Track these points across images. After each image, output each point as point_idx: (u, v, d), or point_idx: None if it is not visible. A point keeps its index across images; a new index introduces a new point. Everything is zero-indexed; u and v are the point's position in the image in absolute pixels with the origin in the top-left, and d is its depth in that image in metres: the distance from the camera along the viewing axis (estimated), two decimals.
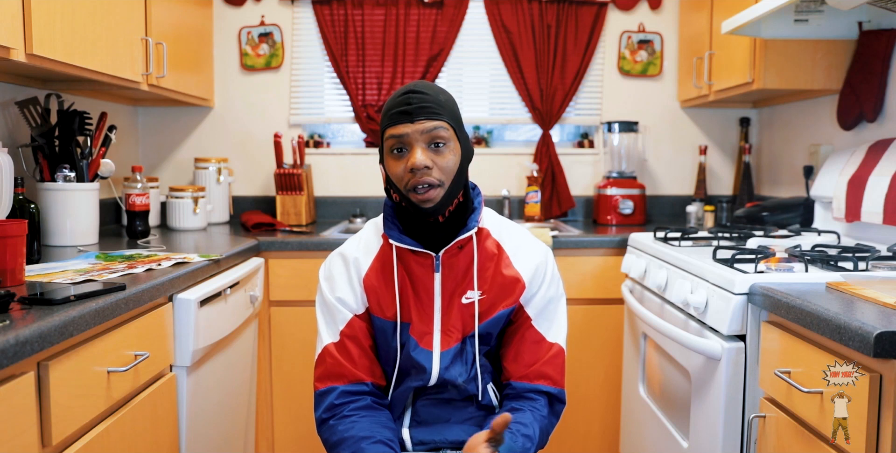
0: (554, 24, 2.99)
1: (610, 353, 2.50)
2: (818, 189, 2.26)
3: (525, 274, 1.36)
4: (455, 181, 1.28)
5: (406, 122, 1.25)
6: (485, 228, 1.38)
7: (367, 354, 1.36)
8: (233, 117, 3.06)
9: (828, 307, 1.23)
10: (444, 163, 1.26)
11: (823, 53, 2.31)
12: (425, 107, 1.25)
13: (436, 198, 1.26)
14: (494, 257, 1.37)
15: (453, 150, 1.28)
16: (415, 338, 1.33)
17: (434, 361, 1.32)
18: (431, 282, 1.33)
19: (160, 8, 2.31)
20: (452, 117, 1.29)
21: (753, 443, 1.47)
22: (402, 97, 1.26)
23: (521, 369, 1.36)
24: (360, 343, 1.35)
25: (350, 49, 2.99)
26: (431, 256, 1.33)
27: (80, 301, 1.24)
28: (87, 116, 2.13)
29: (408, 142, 1.25)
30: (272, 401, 2.48)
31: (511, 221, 1.46)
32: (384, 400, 1.37)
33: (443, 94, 1.30)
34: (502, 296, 1.35)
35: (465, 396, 1.37)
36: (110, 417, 1.33)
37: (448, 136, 1.26)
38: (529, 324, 1.37)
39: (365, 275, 1.36)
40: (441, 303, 1.34)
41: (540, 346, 1.36)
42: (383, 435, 1.27)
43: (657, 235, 2.21)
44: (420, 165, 1.23)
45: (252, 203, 3.05)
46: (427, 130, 1.25)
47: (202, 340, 1.71)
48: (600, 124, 3.11)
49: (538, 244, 1.42)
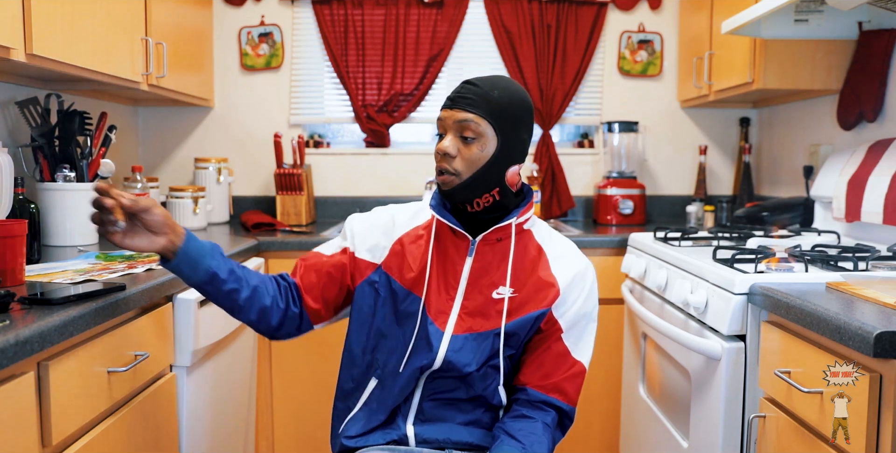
0: (554, 24, 2.99)
1: (610, 353, 2.50)
2: (818, 189, 2.26)
3: (562, 281, 1.36)
4: (480, 175, 1.29)
5: (447, 108, 1.30)
6: (529, 230, 1.40)
7: (320, 283, 1.38)
8: (233, 117, 3.06)
9: (828, 307, 1.23)
10: (469, 155, 1.29)
11: (823, 53, 2.31)
12: (467, 97, 1.28)
13: (450, 184, 1.30)
14: (533, 259, 1.37)
15: (482, 146, 1.29)
16: (430, 316, 1.33)
17: (443, 342, 1.32)
18: (462, 265, 1.35)
19: (160, 8, 2.31)
20: (495, 114, 1.28)
21: (753, 443, 1.47)
22: (459, 86, 1.32)
23: (539, 378, 1.35)
24: (321, 272, 1.38)
25: (350, 49, 2.99)
26: (468, 240, 1.35)
27: (80, 301, 1.24)
28: (87, 116, 2.13)
29: (445, 127, 1.31)
30: (272, 401, 2.48)
31: (560, 234, 1.47)
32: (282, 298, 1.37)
33: (502, 90, 1.29)
34: (534, 299, 1.34)
35: (472, 396, 1.36)
36: (110, 417, 1.33)
37: (480, 131, 1.28)
38: (559, 337, 1.36)
39: (401, 236, 1.39)
40: (465, 288, 1.34)
41: (564, 360, 1.36)
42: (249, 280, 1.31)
43: (657, 235, 2.21)
44: (442, 151, 1.29)
45: (252, 203, 3.05)
46: (459, 120, 1.28)
47: (202, 340, 1.71)
48: (600, 124, 3.11)
49: (582, 258, 1.41)
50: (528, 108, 1.33)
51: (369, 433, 1.37)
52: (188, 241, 1.23)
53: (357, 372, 1.40)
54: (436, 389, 1.36)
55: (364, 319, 1.39)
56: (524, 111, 1.32)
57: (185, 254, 1.23)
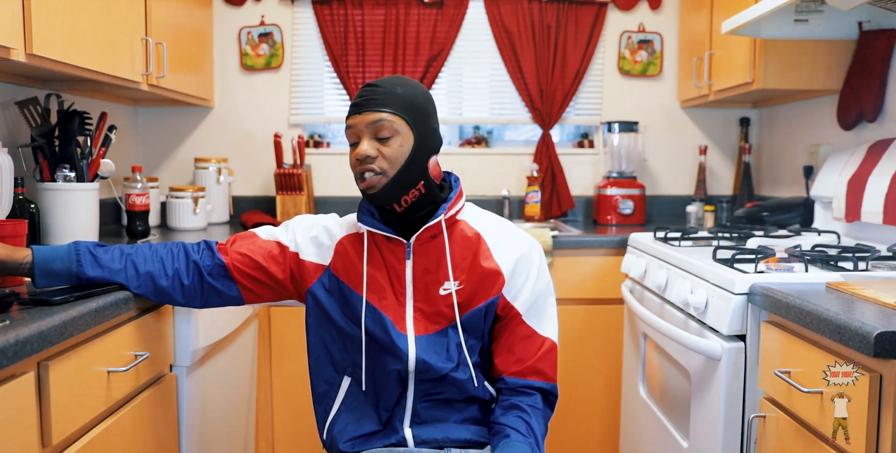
0: (554, 24, 2.99)
1: (610, 353, 2.50)
2: (818, 189, 2.26)
3: (505, 267, 1.37)
4: (404, 171, 1.30)
5: (354, 114, 1.31)
6: (462, 219, 1.40)
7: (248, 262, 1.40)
8: (233, 117, 3.06)
9: (828, 307, 1.23)
10: (390, 152, 1.29)
11: (823, 53, 2.31)
12: (373, 99, 1.29)
13: (377, 185, 1.30)
14: (472, 247, 1.37)
15: (402, 141, 1.30)
16: (391, 319, 1.34)
17: (410, 345, 1.34)
18: (403, 269, 1.36)
19: (160, 8, 2.31)
20: (406, 109, 1.30)
21: (753, 443, 1.47)
22: (360, 90, 1.32)
23: (513, 364, 1.37)
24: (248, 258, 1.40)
25: (350, 49, 2.99)
26: (404, 244, 1.35)
27: (79, 301, 1.24)
28: (87, 116, 2.12)
29: (357, 134, 1.31)
30: (272, 401, 2.48)
31: (496, 216, 1.47)
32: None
33: (403, 86, 1.32)
34: (481, 289, 1.36)
35: (466, 397, 1.37)
36: (110, 417, 1.33)
37: (395, 128, 1.29)
38: (520, 320, 1.37)
39: (341, 238, 1.40)
40: (413, 290, 1.36)
41: (532, 341, 1.37)
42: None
43: (657, 235, 2.21)
44: (362, 155, 1.29)
45: (252, 203, 3.05)
46: (371, 122, 1.29)
47: (202, 340, 1.71)
48: (600, 124, 3.11)
49: (523, 237, 1.41)
50: (430, 99, 1.36)
51: (367, 438, 1.37)
52: (36, 256, 1.29)
53: (327, 373, 1.42)
54: (427, 391, 1.37)
55: (322, 321, 1.41)
56: (429, 102, 1.35)
57: (40, 268, 1.29)
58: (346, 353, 1.40)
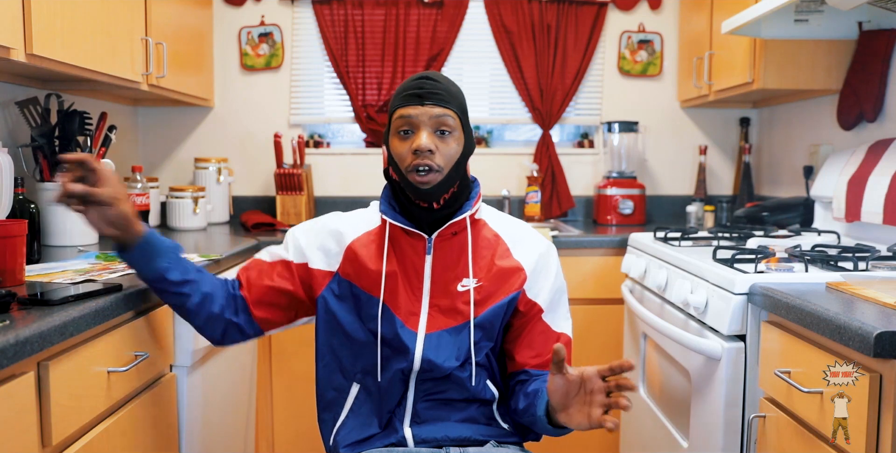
0: (554, 24, 2.99)
1: (610, 353, 2.50)
2: (818, 189, 2.26)
3: (527, 264, 1.38)
4: (453, 170, 1.31)
5: (416, 105, 1.28)
6: (482, 219, 1.41)
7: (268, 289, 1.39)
8: (233, 117, 3.06)
9: (828, 307, 1.23)
10: (447, 150, 1.29)
11: (823, 53, 2.31)
12: (437, 93, 1.29)
13: (433, 181, 1.29)
14: (491, 247, 1.39)
15: (457, 140, 1.31)
16: (400, 318, 1.34)
17: (418, 343, 1.33)
18: (422, 264, 1.35)
19: (160, 8, 2.31)
20: (460, 108, 1.32)
21: (753, 443, 1.47)
22: (417, 81, 1.30)
23: (533, 357, 1.38)
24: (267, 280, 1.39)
25: (350, 49, 2.99)
26: (424, 239, 1.35)
27: (79, 301, 1.24)
28: (87, 116, 2.13)
29: (416, 125, 1.29)
30: (272, 401, 2.48)
31: (512, 217, 1.49)
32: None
33: (454, 85, 1.34)
34: (501, 285, 1.36)
35: (466, 397, 1.37)
36: (110, 417, 1.33)
37: (454, 125, 1.30)
38: (541, 317, 1.39)
39: (351, 242, 1.39)
40: (430, 286, 1.35)
41: (548, 336, 1.38)
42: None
43: (657, 235, 2.21)
44: (424, 148, 1.27)
45: (252, 203, 3.05)
46: (435, 116, 1.28)
47: (202, 340, 1.70)
48: (600, 124, 3.11)
49: (540, 237, 1.44)
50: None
51: (367, 440, 1.37)
52: (147, 239, 1.28)
53: (336, 380, 1.41)
54: (428, 390, 1.36)
55: (331, 328, 1.40)
56: (466, 102, 1.36)
57: (141, 249, 1.28)
58: (354, 359, 1.38)
